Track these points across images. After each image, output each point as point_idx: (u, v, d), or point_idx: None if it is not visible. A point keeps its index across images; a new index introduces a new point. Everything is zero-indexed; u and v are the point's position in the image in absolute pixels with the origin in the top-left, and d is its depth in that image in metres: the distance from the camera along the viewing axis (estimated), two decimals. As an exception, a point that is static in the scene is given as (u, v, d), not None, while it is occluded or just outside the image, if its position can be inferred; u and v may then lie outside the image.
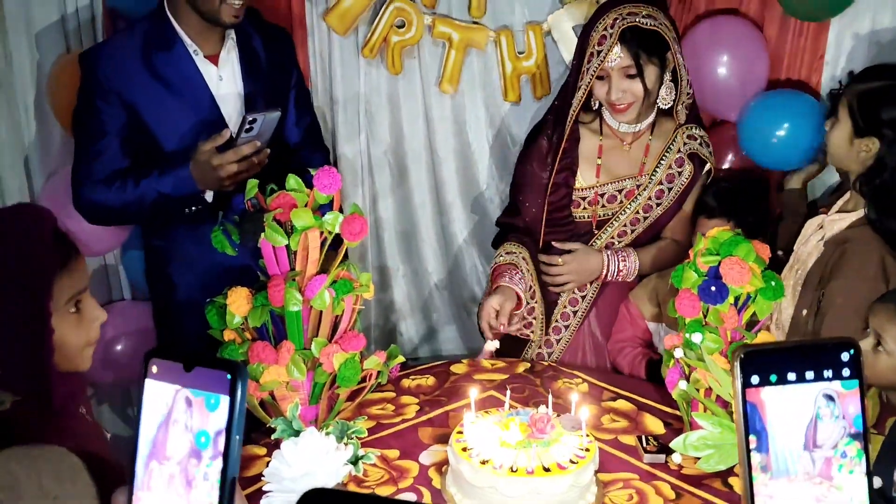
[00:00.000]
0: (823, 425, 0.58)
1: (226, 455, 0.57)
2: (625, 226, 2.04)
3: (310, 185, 1.54)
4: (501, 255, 2.05)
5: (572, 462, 1.37)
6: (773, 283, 1.49)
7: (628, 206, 2.03)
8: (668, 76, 1.94)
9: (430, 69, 2.47)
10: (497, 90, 2.47)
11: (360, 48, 2.43)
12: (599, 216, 2.05)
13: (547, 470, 1.34)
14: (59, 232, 1.09)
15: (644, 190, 2.01)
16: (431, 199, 2.62)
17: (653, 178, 2.01)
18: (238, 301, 1.53)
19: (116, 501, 0.63)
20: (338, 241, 1.57)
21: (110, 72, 1.87)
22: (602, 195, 2.05)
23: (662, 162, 2.01)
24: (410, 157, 2.56)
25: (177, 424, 0.59)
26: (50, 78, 2.35)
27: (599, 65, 1.89)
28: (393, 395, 1.81)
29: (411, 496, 1.44)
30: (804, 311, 1.81)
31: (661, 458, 1.54)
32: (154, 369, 0.60)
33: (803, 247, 1.89)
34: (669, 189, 2.02)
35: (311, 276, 1.55)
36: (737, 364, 0.57)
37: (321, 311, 1.56)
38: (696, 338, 1.47)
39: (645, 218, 2.04)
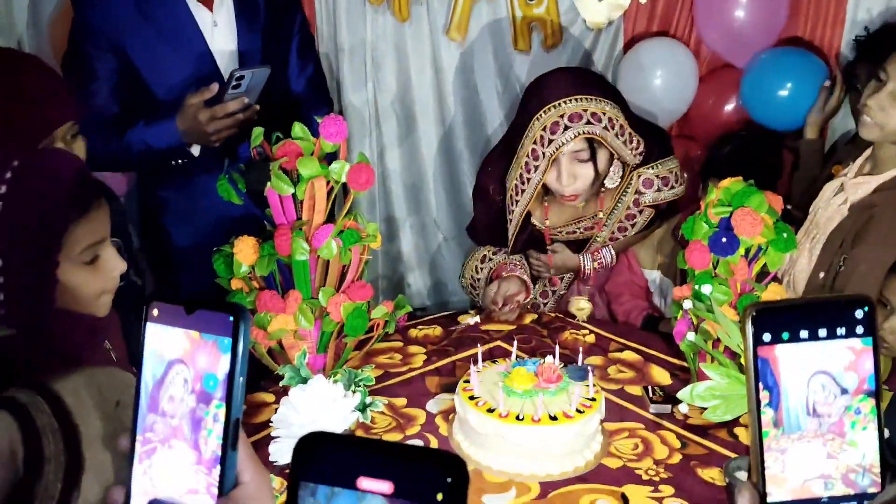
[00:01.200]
0: (839, 379, 0.58)
1: (229, 397, 0.57)
2: (597, 250, 2.02)
3: (316, 135, 1.52)
4: (492, 257, 2.03)
5: (578, 411, 1.37)
6: (784, 235, 1.47)
7: (594, 240, 2.00)
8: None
9: (438, 16, 2.41)
10: (507, 38, 2.42)
11: (366, -6, 2.37)
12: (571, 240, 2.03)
13: (553, 418, 1.35)
14: (85, 178, 1.08)
15: (605, 227, 1.97)
16: (440, 150, 2.59)
17: (610, 220, 1.96)
18: (245, 250, 1.52)
19: (120, 444, 0.63)
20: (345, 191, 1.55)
21: (100, 14, 1.83)
22: (559, 232, 2.01)
23: (619, 206, 1.94)
24: (418, 106, 2.53)
25: (181, 367, 0.59)
26: (50, 22, 2.31)
27: (555, 152, 1.78)
28: (400, 344, 1.82)
29: (419, 443, 1.46)
30: (821, 274, 1.76)
31: (668, 408, 1.54)
32: (155, 312, 0.60)
33: (823, 210, 1.82)
34: (632, 225, 1.97)
35: (318, 225, 1.54)
36: (748, 322, 0.56)
37: (328, 261, 1.56)
38: (706, 289, 1.46)
39: (616, 240, 2.01)
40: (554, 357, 1.50)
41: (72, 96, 1.50)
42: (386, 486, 0.46)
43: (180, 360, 0.59)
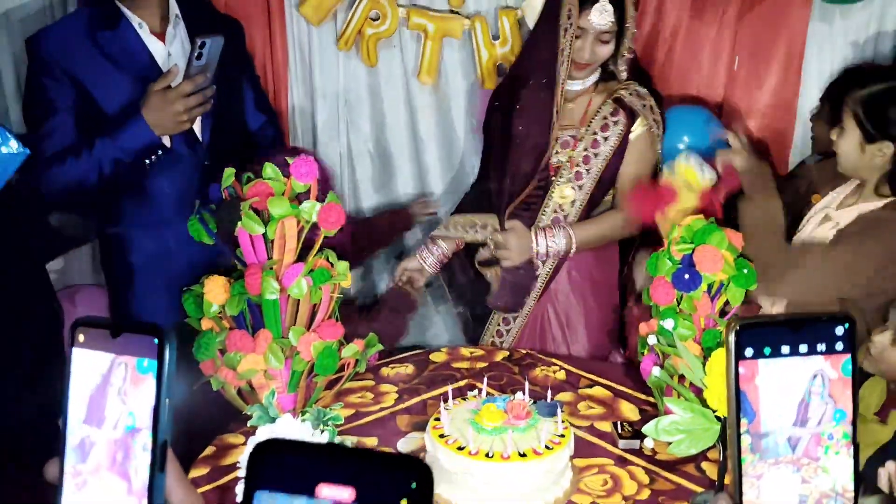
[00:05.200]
0: (814, 403, 0.57)
1: (156, 419, 0.57)
2: (570, 180, 2.04)
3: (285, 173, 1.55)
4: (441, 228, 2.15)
5: (547, 448, 1.38)
6: (745, 271, 1.51)
7: (569, 159, 2.03)
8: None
9: (409, 58, 2.47)
10: (475, 78, 2.48)
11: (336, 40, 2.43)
12: (552, 163, 2.06)
13: (522, 455, 1.36)
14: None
15: (581, 140, 2.02)
16: (415, 188, 2.62)
17: (588, 127, 2.02)
18: (215, 289, 1.53)
19: (48, 473, 0.62)
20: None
21: (55, 50, 1.82)
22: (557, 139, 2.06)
23: (599, 112, 2.02)
24: (393, 146, 2.57)
25: (108, 392, 0.58)
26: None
27: (586, 25, 1.89)
28: (372, 383, 1.82)
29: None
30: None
31: (636, 443, 1.56)
32: (81, 338, 0.59)
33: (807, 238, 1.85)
34: (605, 139, 2.01)
35: (289, 264, 1.55)
36: (731, 335, 0.56)
37: (299, 300, 1.57)
38: (668, 324, 1.49)
39: (588, 171, 2.03)
40: (524, 393, 1.51)
41: None
42: (347, 493, 0.44)
43: (107, 385, 0.58)
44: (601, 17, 1.88)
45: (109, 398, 0.58)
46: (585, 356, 2.07)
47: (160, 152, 1.84)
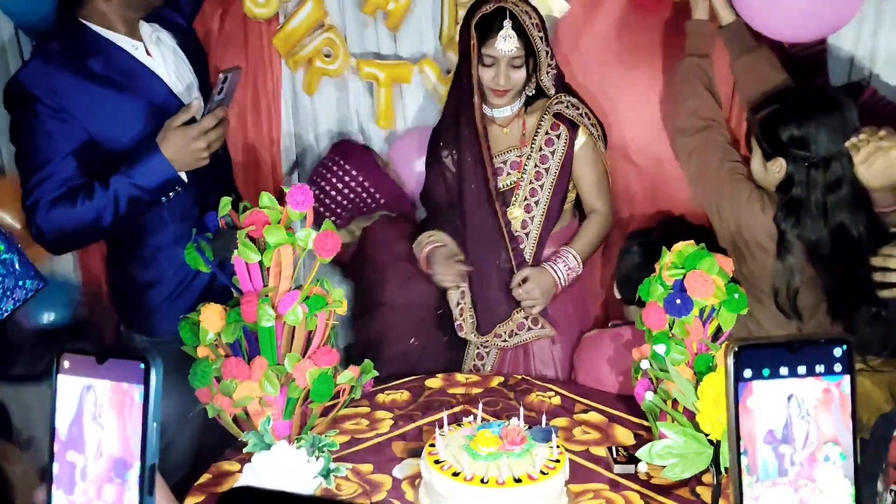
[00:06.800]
0: (812, 424, 0.58)
1: (143, 443, 0.57)
2: (526, 198, 2.11)
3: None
4: (427, 241, 2.16)
5: (542, 473, 1.39)
6: (736, 296, 1.53)
7: (521, 178, 2.10)
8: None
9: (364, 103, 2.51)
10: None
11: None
12: (500, 187, 2.12)
13: (518, 481, 1.36)
14: None
15: (529, 159, 2.09)
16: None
17: (533, 145, 2.09)
18: (211, 317, 1.54)
19: (36, 499, 0.62)
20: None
21: (49, 88, 1.74)
22: (501, 164, 2.13)
23: (539, 129, 2.09)
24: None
25: (95, 418, 0.59)
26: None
27: (496, 53, 1.96)
28: (367, 409, 1.82)
29: (384, 509, 1.45)
30: None
31: (631, 468, 1.56)
32: (66, 364, 0.60)
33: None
34: (552, 153, 2.09)
35: (285, 291, 1.56)
36: (730, 357, 0.57)
37: (294, 327, 1.58)
38: (660, 349, 1.50)
39: (541, 186, 2.10)
40: (519, 419, 1.52)
41: None
42: None
43: (94, 412, 0.59)
44: (506, 43, 1.95)
45: (96, 423, 0.59)
46: (570, 342, 2.14)
47: (178, 188, 1.81)
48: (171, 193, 1.81)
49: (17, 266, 1.72)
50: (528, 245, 2.13)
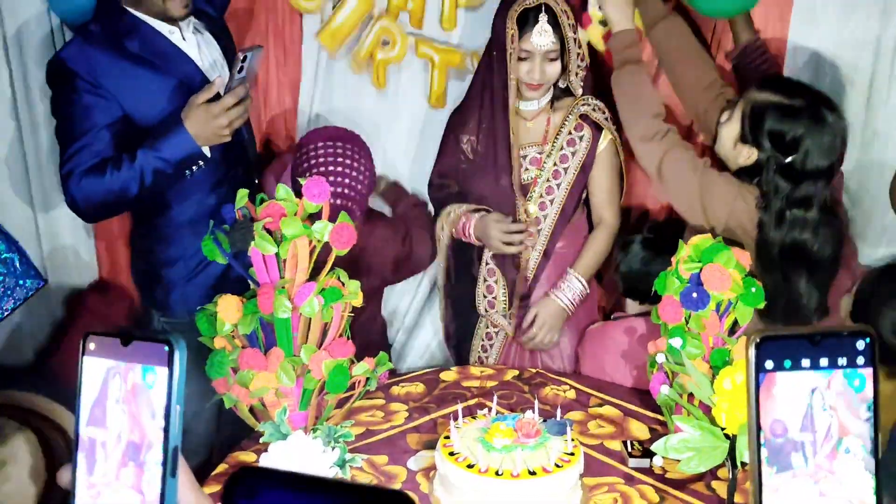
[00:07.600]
0: (833, 416, 0.57)
1: (167, 425, 0.58)
2: (542, 196, 2.11)
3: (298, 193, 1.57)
4: (455, 211, 2.16)
5: (557, 466, 1.39)
6: (752, 290, 1.52)
7: (539, 175, 2.10)
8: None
9: (419, 83, 2.50)
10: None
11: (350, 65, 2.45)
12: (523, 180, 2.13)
13: (532, 473, 1.37)
14: None
15: (549, 157, 2.09)
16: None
17: (555, 144, 2.09)
18: (228, 308, 1.55)
19: (61, 479, 0.63)
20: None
21: (88, 66, 1.84)
22: (523, 157, 2.13)
23: (563, 129, 2.09)
24: (400, 167, 2.59)
25: (121, 400, 0.59)
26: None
27: (531, 48, 1.97)
28: (382, 401, 1.83)
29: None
30: None
31: (646, 462, 1.56)
32: (91, 346, 0.60)
33: None
34: (573, 153, 2.09)
35: (301, 283, 1.57)
36: (752, 348, 0.56)
37: (310, 319, 1.59)
38: (677, 343, 1.49)
39: (558, 185, 2.10)
40: (533, 412, 1.52)
41: None
42: None
43: (117, 394, 0.59)
44: (541, 37, 1.96)
45: (121, 405, 0.59)
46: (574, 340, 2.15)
47: (201, 162, 1.88)
48: (193, 167, 1.88)
49: (17, 265, 1.77)
50: (539, 241, 2.13)
